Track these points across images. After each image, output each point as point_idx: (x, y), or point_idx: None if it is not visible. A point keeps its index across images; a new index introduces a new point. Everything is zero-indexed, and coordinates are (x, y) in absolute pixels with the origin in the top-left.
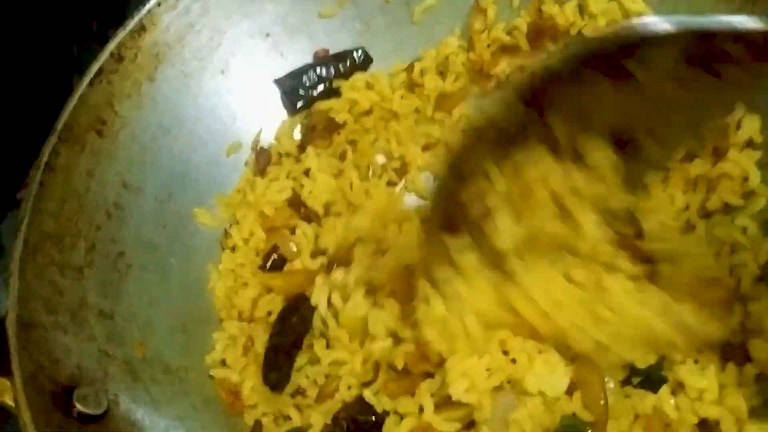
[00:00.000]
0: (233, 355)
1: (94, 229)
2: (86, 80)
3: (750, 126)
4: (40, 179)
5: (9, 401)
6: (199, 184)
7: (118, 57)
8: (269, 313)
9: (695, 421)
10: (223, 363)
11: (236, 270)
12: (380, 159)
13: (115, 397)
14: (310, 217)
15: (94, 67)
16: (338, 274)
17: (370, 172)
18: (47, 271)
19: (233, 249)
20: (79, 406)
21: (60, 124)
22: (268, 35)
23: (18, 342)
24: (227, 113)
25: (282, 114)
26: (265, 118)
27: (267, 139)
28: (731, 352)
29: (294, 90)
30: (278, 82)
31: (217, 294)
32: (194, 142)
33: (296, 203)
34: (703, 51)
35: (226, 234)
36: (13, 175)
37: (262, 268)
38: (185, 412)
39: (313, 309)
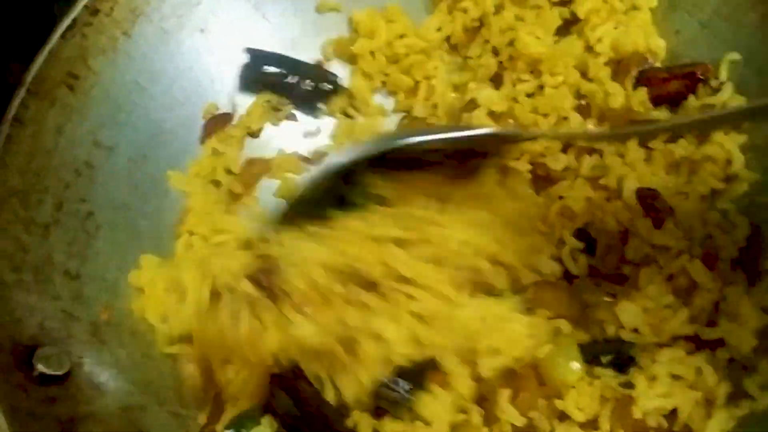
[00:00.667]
0: None
1: (62, 187)
2: (58, 33)
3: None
4: (7, 132)
5: None
6: (174, 146)
7: (93, 10)
8: None
9: (666, 406)
10: None
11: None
12: None
13: (78, 360)
14: None
15: (67, 20)
16: None
17: None
18: (12, 228)
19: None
20: (40, 367)
21: (29, 77)
22: None
23: None
24: (205, 74)
25: None
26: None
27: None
28: (703, 336)
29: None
30: (251, 52)
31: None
32: (170, 102)
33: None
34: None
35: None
36: None
37: None
38: (152, 376)
39: None
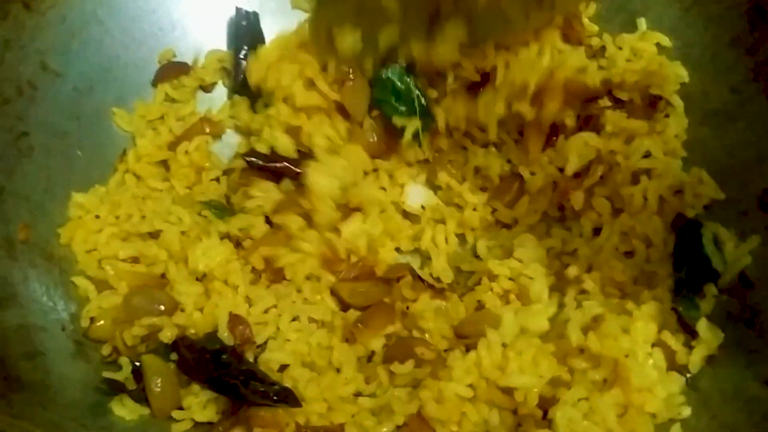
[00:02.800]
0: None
1: (1, 101)
2: None
3: None
4: None
5: None
6: (124, 84)
7: None
8: None
9: None
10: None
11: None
12: None
13: None
14: None
15: None
16: None
17: None
18: None
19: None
20: None
21: None
22: None
23: None
24: (167, 19)
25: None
26: (206, 38)
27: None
28: None
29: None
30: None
31: None
32: (127, 40)
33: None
34: None
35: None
36: None
37: None
38: (57, 302)
39: None
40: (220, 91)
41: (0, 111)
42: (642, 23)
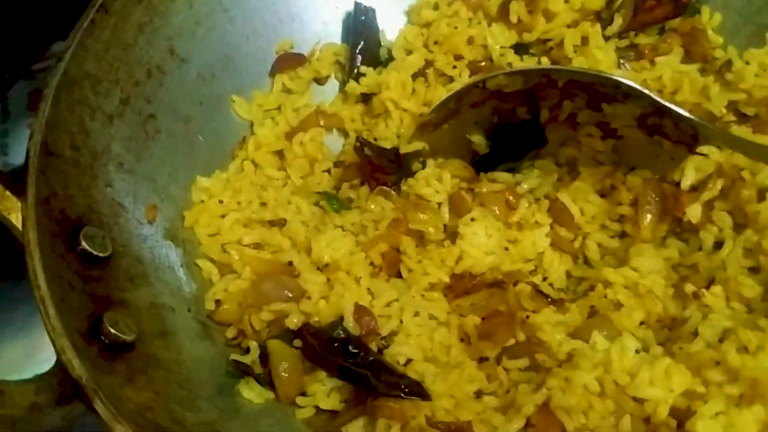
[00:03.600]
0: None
1: (132, 84)
2: None
3: None
4: (92, 17)
5: (15, 221)
6: (243, 73)
7: None
8: None
9: None
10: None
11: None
12: None
13: (120, 249)
14: None
15: None
16: None
17: None
18: (79, 108)
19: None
20: (84, 244)
21: None
22: None
23: (38, 164)
24: (287, 11)
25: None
26: (323, 31)
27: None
28: None
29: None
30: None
31: None
32: (248, 30)
33: None
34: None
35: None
36: (33, 45)
37: None
38: (186, 281)
39: None
40: (333, 84)
41: (132, 93)
42: None
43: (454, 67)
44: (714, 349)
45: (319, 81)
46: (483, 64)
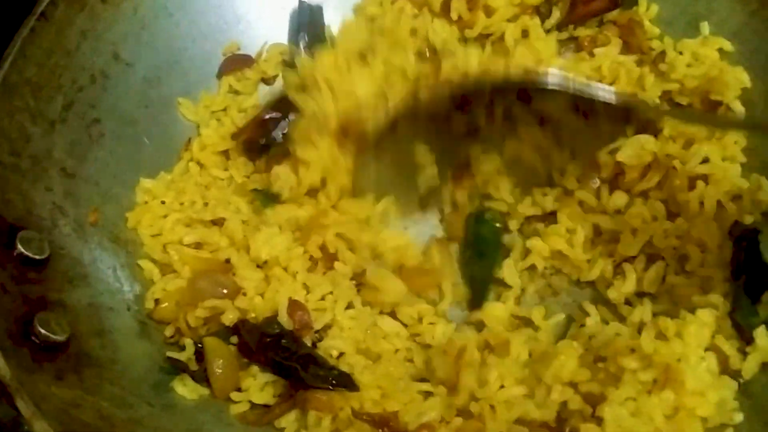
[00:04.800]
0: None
1: (75, 89)
2: None
3: None
4: (32, 25)
5: None
6: (190, 76)
7: None
8: None
9: None
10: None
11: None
12: None
13: (59, 251)
14: None
15: None
16: None
17: None
18: (19, 115)
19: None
20: (20, 247)
21: None
22: None
23: None
24: (232, 12)
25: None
26: (270, 31)
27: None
28: None
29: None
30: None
31: None
32: (194, 33)
33: None
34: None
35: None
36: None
37: None
38: (127, 281)
39: None
40: (280, 84)
41: (75, 98)
42: (705, 27)
43: None
44: (630, 337)
45: (267, 81)
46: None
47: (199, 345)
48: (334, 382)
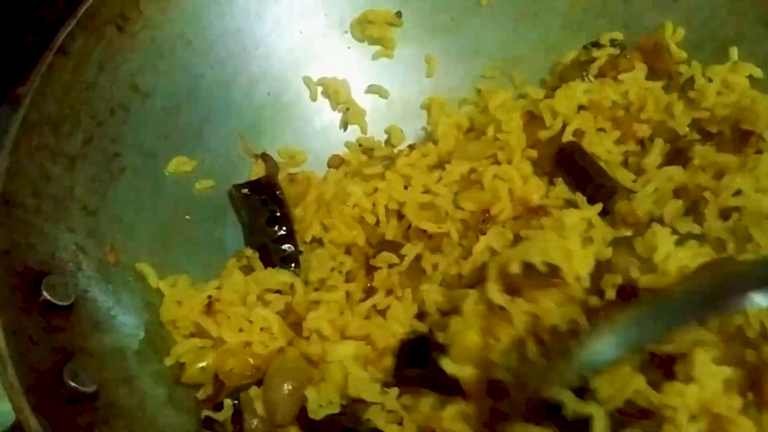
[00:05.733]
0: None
1: (95, 124)
2: None
3: None
4: (50, 61)
5: None
6: (209, 103)
7: None
8: None
9: None
10: None
11: None
12: None
13: (83, 294)
14: None
15: None
16: None
17: None
18: (39, 154)
19: None
20: (45, 294)
21: (81, 11)
22: None
23: None
24: (251, 37)
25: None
26: (288, 55)
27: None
28: None
29: None
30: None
31: None
32: (212, 59)
33: None
34: None
35: None
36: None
37: None
38: (153, 321)
39: None
40: None
41: (95, 133)
42: (734, 52)
43: None
44: None
45: None
46: None
47: (236, 402)
48: None
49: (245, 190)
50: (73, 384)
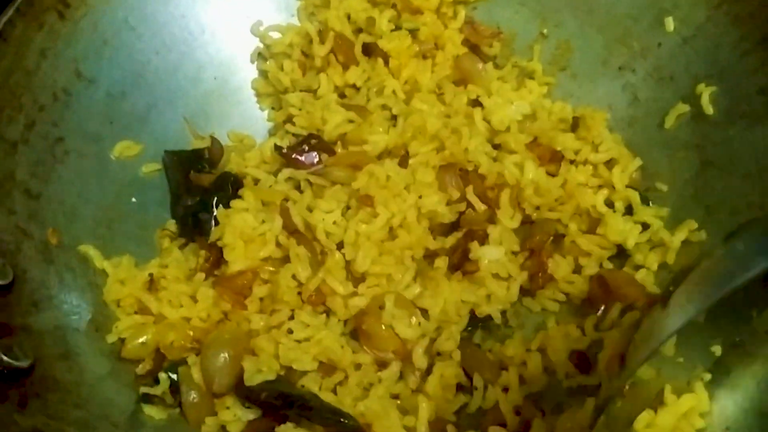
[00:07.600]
0: None
1: (37, 109)
2: None
3: None
4: None
5: None
6: (156, 88)
7: None
8: None
9: None
10: None
11: None
12: None
13: (23, 274)
14: None
15: None
16: None
17: None
18: None
19: None
20: None
21: None
22: None
23: None
24: (196, 23)
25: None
26: (235, 40)
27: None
28: None
29: None
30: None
31: None
32: (157, 46)
33: None
34: None
35: None
36: None
37: None
38: (94, 304)
39: None
40: None
41: (37, 118)
42: (670, 22)
43: None
44: None
45: None
46: None
47: (174, 376)
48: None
49: (175, 158)
50: (6, 358)
